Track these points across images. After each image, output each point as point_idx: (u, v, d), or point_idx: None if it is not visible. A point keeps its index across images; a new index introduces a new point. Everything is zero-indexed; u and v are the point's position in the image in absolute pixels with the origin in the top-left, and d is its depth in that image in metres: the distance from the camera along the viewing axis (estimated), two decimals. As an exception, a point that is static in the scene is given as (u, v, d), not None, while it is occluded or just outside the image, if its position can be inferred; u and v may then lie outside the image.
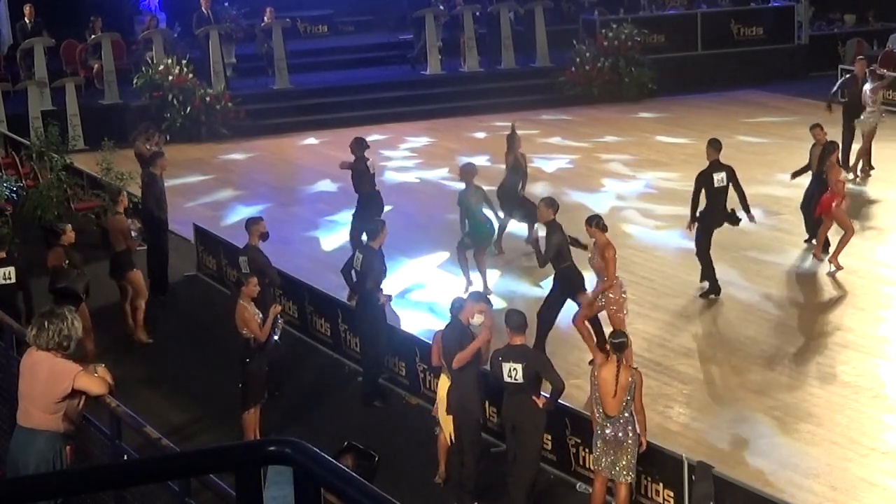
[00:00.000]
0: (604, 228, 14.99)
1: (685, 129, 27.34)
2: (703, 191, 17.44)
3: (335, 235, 20.67)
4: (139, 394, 14.96)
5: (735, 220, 17.45)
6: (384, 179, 22.39)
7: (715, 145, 17.81)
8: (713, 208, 17.38)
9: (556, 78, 30.08)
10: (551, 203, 15.64)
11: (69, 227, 15.88)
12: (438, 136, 26.91)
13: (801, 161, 20.66)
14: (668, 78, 30.23)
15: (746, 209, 17.54)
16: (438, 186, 23.27)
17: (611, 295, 14.81)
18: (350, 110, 28.33)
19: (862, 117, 22.91)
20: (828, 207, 18.13)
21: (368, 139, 20.04)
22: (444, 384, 12.92)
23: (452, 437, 12.82)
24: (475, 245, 17.74)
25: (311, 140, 27.26)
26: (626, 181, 23.34)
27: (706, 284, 17.50)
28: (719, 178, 17.40)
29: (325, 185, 23.76)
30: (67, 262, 15.41)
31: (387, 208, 19.23)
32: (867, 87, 23.06)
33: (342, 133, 27.71)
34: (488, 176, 24.07)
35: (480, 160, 25.11)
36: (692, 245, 19.62)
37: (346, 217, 21.24)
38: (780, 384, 14.99)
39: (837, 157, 18.50)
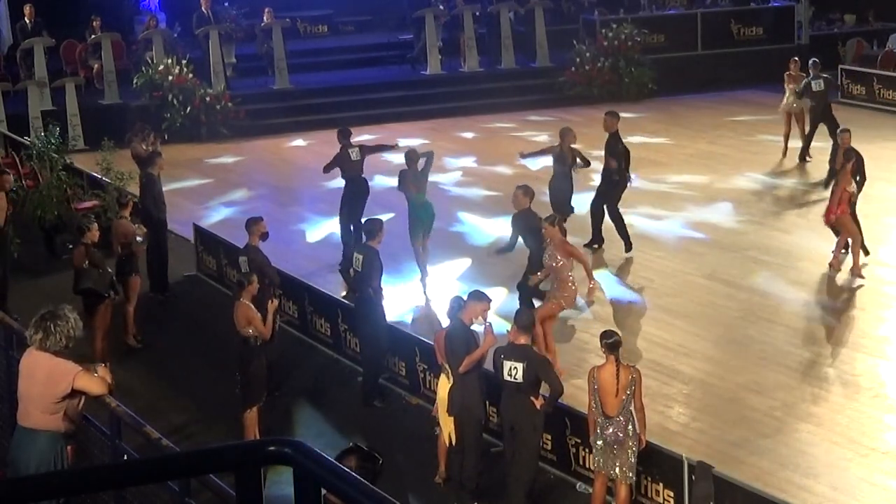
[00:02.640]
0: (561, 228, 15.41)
1: (685, 129, 27.35)
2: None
3: (335, 236, 20.66)
4: (139, 394, 14.96)
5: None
6: (383, 183, 22.38)
7: (615, 115, 19.37)
8: (621, 167, 19.12)
9: (556, 78, 30.07)
10: (528, 191, 16.10)
11: (95, 225, 15.84)
12: (434, 137, 26.88)
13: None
14: (668, 78, 30.22)
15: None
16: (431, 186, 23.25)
17: (565, 295, 14.98)
18: (350, 110, 28.31)
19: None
20: (834, 215, 17.91)
21: (368, 139, 20.13)
22: (443, 384, 12.91)
23: (453, 438, 12.82)
24: (412, 228, 17.93)
25: (310, 140, 27.25)
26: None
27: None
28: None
29: (325, 185, 23.74)
30: (88, 261, 15.41)
31: (389, 215, 19.13)
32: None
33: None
34: (479, 175, 24.19)
35: (467, 161, 25.15)
36: (692, 246, 19.68)
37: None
38: (780, 384, 14.99)
39: (853, 166, 18.27)
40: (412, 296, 17.84)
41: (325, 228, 21.24)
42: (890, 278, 18.12)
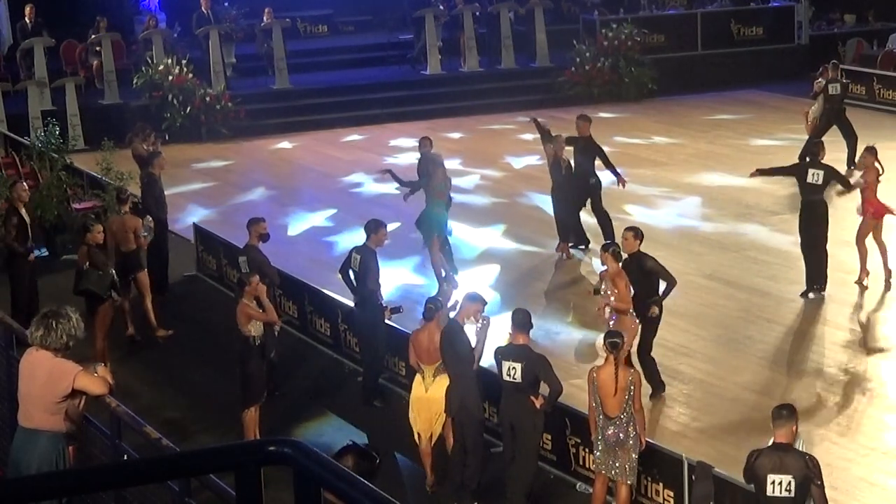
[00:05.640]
0: (618, 257, 14.36)
1: (685, 129, 27.35)
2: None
3: (335, 235, 20.67)
4: (139, 394, 14.97)
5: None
6: (372, 187, 22.38)
7: (587, 118, 19.65)
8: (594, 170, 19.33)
9: (556, 78, 30.07)
10: (639, 234, 14.81)
11: (99, 226, 15.80)
12: (433, 137, 26.75)
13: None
14: (668, 78, 30.22)
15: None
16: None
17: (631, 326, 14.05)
18: (350, 110, 28.34)
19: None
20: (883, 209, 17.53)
21: (366, 139, 20.17)
22: (418, 384, 13.06)
23: (423, 437, 12.97)
24: (425, 235, 17.86)
25: (310, 140, 27.26)
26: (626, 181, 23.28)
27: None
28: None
29: (325, 185, 23.77)
30: (88, 262, 15.40)
31: (395, 225, 19.05)
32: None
33: (341, 133, 27.77)
34: (479, 176, 24.19)
35: (454, 163, 25.12)
36: (692, 246, 19.68)
37: (344, 217, 21.27)
38: (780, 384, 15.00)
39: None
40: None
41: (325, 228, 21.25)
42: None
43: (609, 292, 14.16)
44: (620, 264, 14.32)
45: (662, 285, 14.69)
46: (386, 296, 15.58)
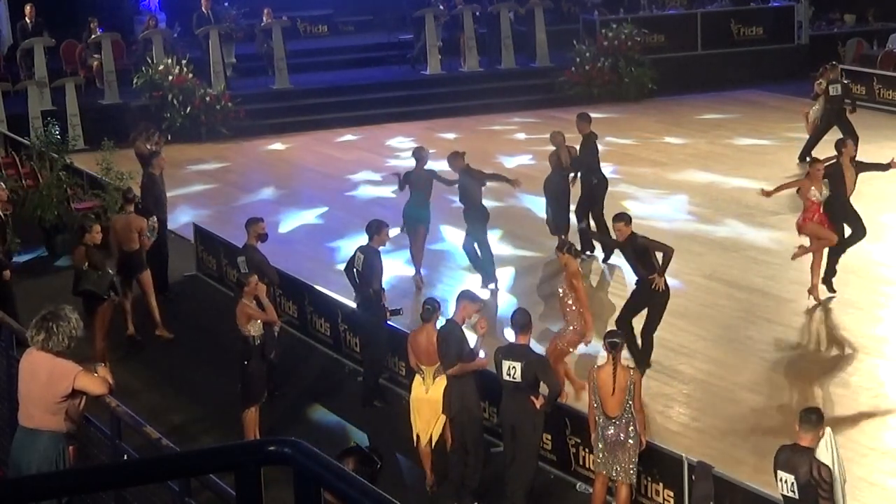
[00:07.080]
0: (575, 254, 14.58)
1: (685, 129, 27.36)
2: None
3: (334, 235, 20.66)
4: (139, 394, 14.97)
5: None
6: (372, 188, 22.36)
7: (586, 118, 19.31)
8: (599, 169, 19.25)
9: (556, 78, 30.07)
10: (624, 218, 15.09)
11: (97, 226, 15.77)
12: (432, 137, 26.85)
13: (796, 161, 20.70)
14: (668, 78, 30.22)
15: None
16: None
17: (575, 327, 14.14)
18: (350, 110, 28.34)
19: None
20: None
21: (366, 139, 20.14)
22: (418, 385, 13.02)
23: (423, 438, 12.96)
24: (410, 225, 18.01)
25: (310, 140, 27.26)
26: (626, 181, 23.31)
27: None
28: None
29: (325, 185, 23.77)
30: (87, 263, 15.39)
31: (397, 230, 19.01)
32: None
33: (341, 133, 27.77)
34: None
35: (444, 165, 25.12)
36: (692, 246, 19.67)
37: (344, 217, 21.27)
38: (780, 384, 15.00)
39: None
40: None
41: (325, 228, 21.24)
42: (889, 278, 18.12)
43: (567, 291, 14.11)
44: (616, 251, 14.63)
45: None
46: (386, 285, 15.55)
